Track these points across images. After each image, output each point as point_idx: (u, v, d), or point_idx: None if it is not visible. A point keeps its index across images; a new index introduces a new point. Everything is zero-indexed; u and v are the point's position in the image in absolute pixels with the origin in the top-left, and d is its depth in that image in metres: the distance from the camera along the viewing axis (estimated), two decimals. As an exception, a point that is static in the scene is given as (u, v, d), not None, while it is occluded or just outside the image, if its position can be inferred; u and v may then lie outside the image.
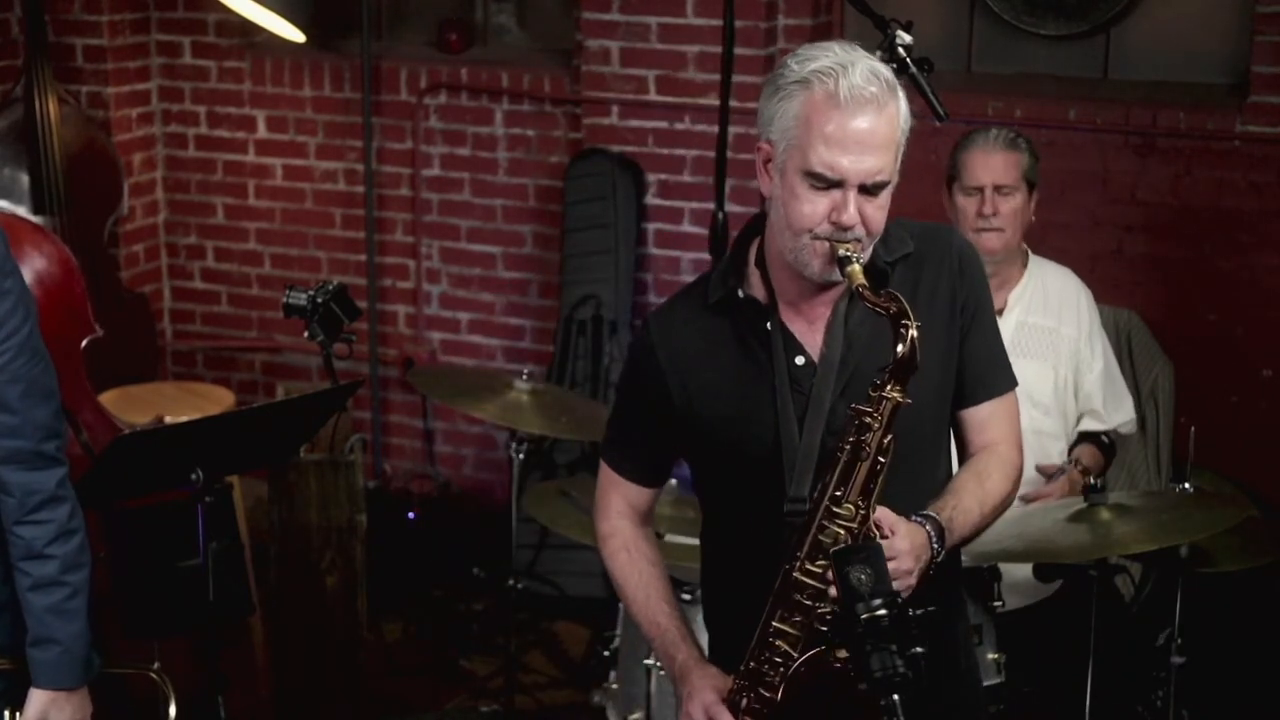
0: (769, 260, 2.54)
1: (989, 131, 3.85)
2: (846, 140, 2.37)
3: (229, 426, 3.49)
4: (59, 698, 2.73)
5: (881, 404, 2.35)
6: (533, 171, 5.58)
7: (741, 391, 2.53)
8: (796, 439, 2.49)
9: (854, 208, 2.39)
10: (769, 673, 2.45)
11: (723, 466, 2.59)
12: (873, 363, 2.45)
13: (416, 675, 4.95)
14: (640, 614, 2.67)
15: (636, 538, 2.73)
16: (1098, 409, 3.92)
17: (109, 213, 5.61)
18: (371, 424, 5.81)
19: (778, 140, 2.43)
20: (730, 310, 2.55)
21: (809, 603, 2.40)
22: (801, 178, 2.40)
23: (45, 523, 2.69)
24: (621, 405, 2.72)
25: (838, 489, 2.37)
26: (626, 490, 2.72)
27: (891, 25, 3.41)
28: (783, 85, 2.43)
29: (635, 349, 2.67)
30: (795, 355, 2.52)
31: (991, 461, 2.60)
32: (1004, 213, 3.78)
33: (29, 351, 2.66)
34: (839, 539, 2.37)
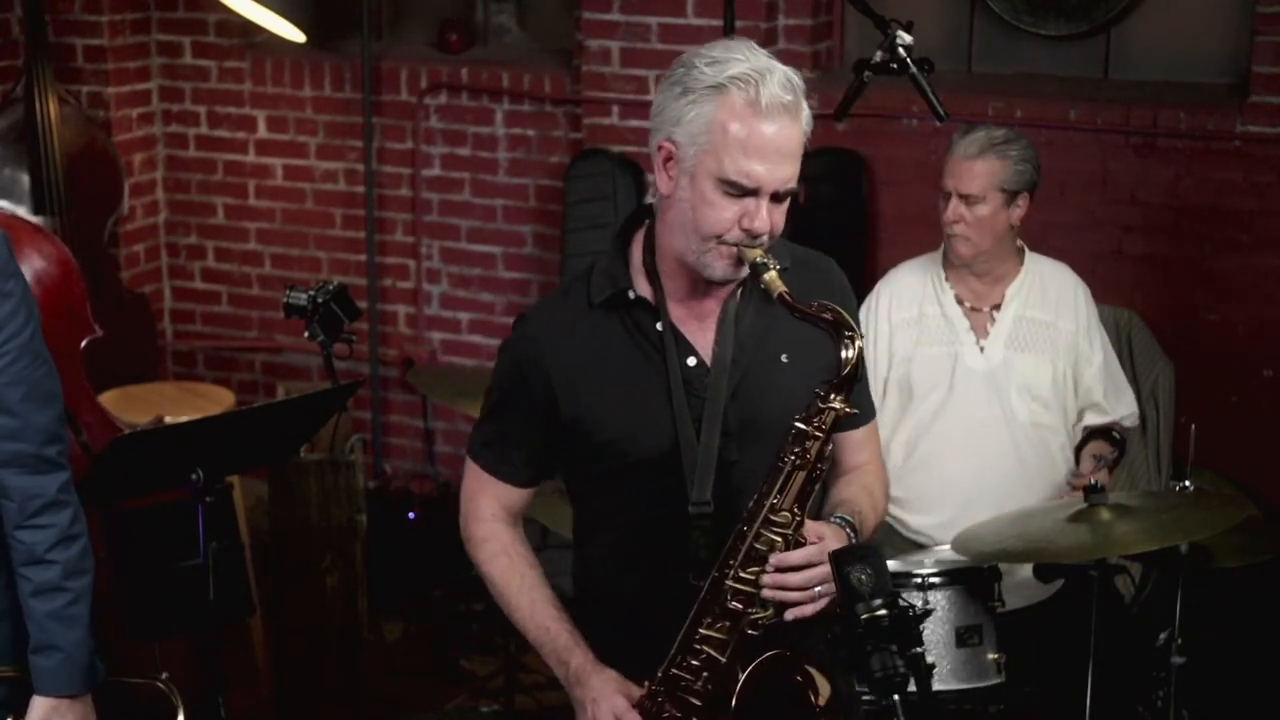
0: (659, 259, 2.50)
1: (970, 135, 3.79)
2: (765, 149, 2.34)
3: (229, 426, 3.49)
4: (61, 705, 2.72)
5: (825, 414, 2.36)
6: (533, 172, 5.58)
7: (634, 394, 2.50)
8: (695, 441, 2.47)
9: (765, 215, 2.37)
10: (689, 679, 2.43)
11: (613, 469, 2.54)
12: (761, 362, 2.49)
13: (416, 675, 4.95)
14: (526, 620, 2.61)
15: (514, 540, 2.67)
16: (1099, 402, 3.92)
17: (109, 213, 5.61)
18: (372, 424, 5.81)
19: (685, 143, 2.38)
20: (618, 311, 2.51)
21: (740, 608, 2.40)
22: (715, 184, 2.37)
23: (46, 528, 2.67)
24: (500, 407, 2.64)
25: (775, 497, 2.38)
26: (500, 492, 2.66)
27: (892, 25, 3.41)
28: (694, 87, 2.37)
29: (516, 347, 2.59)
30: (687, 356, 2.50)
31: (873, 479, 2.69)
32: (968, 221, 3.76)
33: (30, 354, 2.65)
34: (774, 546, 2.38)
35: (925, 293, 3.92)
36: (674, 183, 2.42)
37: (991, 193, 3.75)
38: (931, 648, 3.41)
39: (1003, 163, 3.75)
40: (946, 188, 3.78)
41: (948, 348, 3.88)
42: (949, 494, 3.84)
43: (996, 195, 3.75)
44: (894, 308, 3.94)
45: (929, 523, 3.86)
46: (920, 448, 3.90)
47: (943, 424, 3.87)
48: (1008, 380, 3.85)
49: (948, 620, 3.51)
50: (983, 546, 3.47)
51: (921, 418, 3.90)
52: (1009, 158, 3.76)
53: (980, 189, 3.74)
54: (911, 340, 3.90)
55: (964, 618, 3.52)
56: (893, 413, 3.94)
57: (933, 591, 3.48)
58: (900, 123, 5.08)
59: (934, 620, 3.45)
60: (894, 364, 3.93)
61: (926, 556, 3.77)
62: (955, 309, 3.89)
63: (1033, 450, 3.85)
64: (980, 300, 3.90)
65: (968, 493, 3.80)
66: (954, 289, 3.91)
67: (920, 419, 3.90)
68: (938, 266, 3.93)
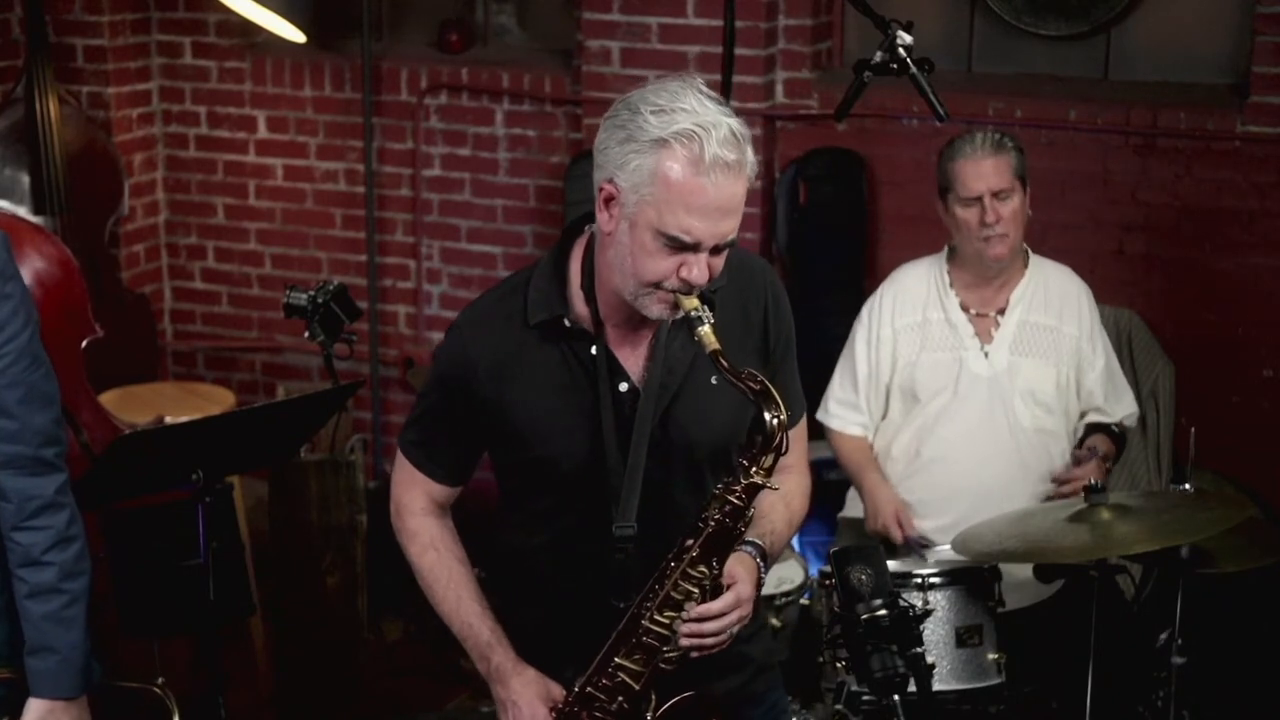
0: (599, 286, 2.50)
1: (973, 138, 3.82)
2: (707, 208, 2.33)
3: (229, 427, 3.49)
4: (57, 707, 2.73)
5: (747, 486, 2.40)
6: (533, 172, 5.58)
7: (565, 414, 2.52)
8: (621, 465, 2.50)
9: (704, 266, 2.38)
10: (604, 699, 2.51)
11: (541, 484, 2.58)
12: (690, 385, 2.52)
13: (417, 675, 4.95)
14: (451, 613, 2.67)
15: (443, 534, 2.73)
16: (1100, 405, 3.93)
17: (109, 213, 5.61)
18: (372, 424, 5.82)
19: (627, 189, 2.37)
20: (553, 335, 2.53)
21: (653, 644, 2.46)
22: (654, 235, 2.36)
23: (43, 529, 2.68)
24: (432, 409, 2.66)
25: (695, 551, 2.42)
26: (430, 488, 2.71)
27: (892, 25, 3.41)
28: (638, 137, 2.35)
29: (450, 356, 2.61)
30: (620, 381, 2.52)
31: (794, 485, 2.70)
32: (1005, 217, 3.78)
33: (29, 357, 2.66)
34: (690, 595, 2.44)
35: (929, 298, 3.92)
36: (614, 223, 2.41)
37: (1015, 183, 3.80)
38: (931, 648, 3.41)
39: (1012, 154, 3.82)
40: (974, 193, 3.77)
41: (952, 353, 3.88)
42: (952, 499, 3.84)
43: (1018, 186, 3.80)
44: (898, 312, 3.94)
45: (932, 527, 3.86)
46: (924, 453, 3.90)
47: (946, 429, 3.87)
48: (1011, 385, 3.85)
49: (948, 620, 3.51)
50: (983, 546, 3.47)
51: (925, 422, 3.90)
52: (1012, 149, 3.83)
53: (1007, 181, 3.79)
54: (915, 345, 3.90)
55: (964, 618, 3.53)
56: (896, 417, 3.95)
57: (933, 591, 3.49)
58: (900, 123, 5.08)
59: (934, 620, 3.46)
60: (897, 369, 3.93)
61: (927, 556, 3.78)
62: (960, 314, 3.89)
63: (1035, 455, 3.86)
64: (985, 305, 3.90)
65: (971, 497, 3.80)
66: (958, 294, 3.91)
67: (924, 424, 3.90)
68: (941, 271, 3.93)
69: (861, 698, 3.41)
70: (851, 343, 4.02)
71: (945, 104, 3.46)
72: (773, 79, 5.17)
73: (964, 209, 3.80)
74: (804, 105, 5.18)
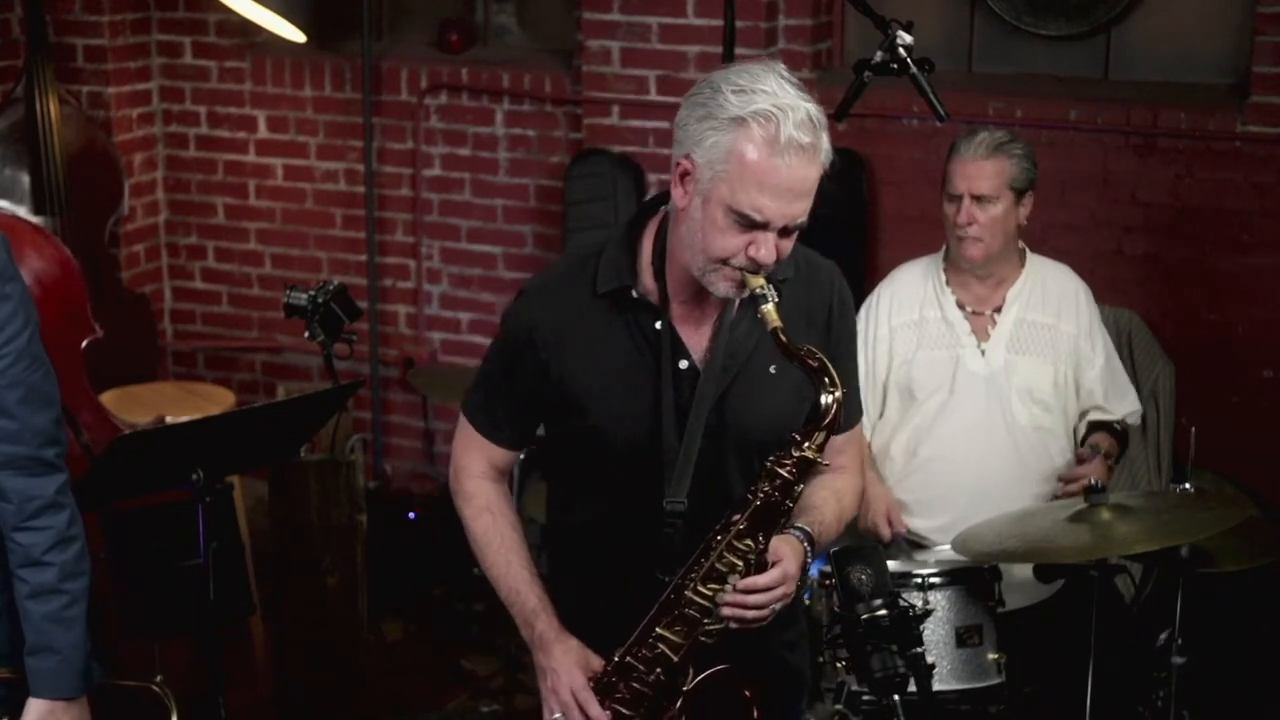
0: (669, 263, 2.55)
1: (976, 137, 3.80)
2: (779, 188, 2.38)
3: (229, 426, 3.49)
4: (57, 707, 2.73)
5: (798, 460, 2.43)
6: (533, 172, 5.58)
7: (624, 385, 2.55)
8: (676, 442, 2.53)
9: (772, 246, 2.42)
10: (642, 670, 2.53)
11: (595, 454, 2.61)
12: (751, 371, 2.55)
13: (417, 675, 4.95)
14: (500, 579, 2.71)
15: (498, 499, 2.76)
16: (1100, 403, 3.92)
17: (110, 213, 5.61)
18: (372, 424, 5.81)
19: (703, 165, 2.41)
20: (619, 304, 2.56)
21: (695, 616, 2.49)
22: (726, 211, 2.40)
23: (44, 529, 2.68)
24: (494, 372, 2.70)
25: (743, 524, 2.45)
26: (490, 451, 2.75)
27: (892, 25, 3.41)
28: (717, 115, 2.39)
29: (516, 320, 2.64)
30: (680, 359, 2.55)
31: (845, 483, 2.73)
32: (981, 222, 3.77)
33: (29, 357, 2.66)
34: (734, 568, 2.46)
35: (926, 296, 3.92)
36: (689, 199, 2.46)
37: (1004, 192, 3.76)
38: (931, 648, 3.41)
39: (1011, 161, 3.77)
40: (956, 191, 3.78)
41: (949, 351, 3.88)
42: (950, 498, 3.84)
43: (1008, 194, 3.77)
44: (894, 311, 3.93)
45: (930, 526, 3.86)
46: (921, 451, 3.89)
47: (943, 427, 3.87)
48: (1009, 383, 3.84)
49: (948, 620, 3.51)
50: (983, 546, 3.47)
51: (922, 421, 3.89)
52: (1015, 157, 3.78)
53: (993, 189, 3.75)
54: (912, 343, 3.90)
55: (964, 618, 3.53)
56: (893, 416, 3.94)
57: (933, 591, 3.49)
58: (900, 123, 5.08)
59: (934, 620, 3.46)
60: (894, 367, 3.93)
61: (927, 556, 3.77)
62: (956, 312, 3.89)
63: (1033, 453, 3.85)
64: (981, 303, 3.90)
65: (968, 496, 3.80)
66: (955, 292, 3.91)
67: (921, 422, 3.90)
68: (938, 269, 3.93)
69: (861, 698, 3.41)
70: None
71: (945, 104, 3.46)
72: (773, 79, 5.17)
73: (947, 203, 3.82)
74: (804, 105, 5.17)
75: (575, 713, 2.55)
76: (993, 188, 3.75)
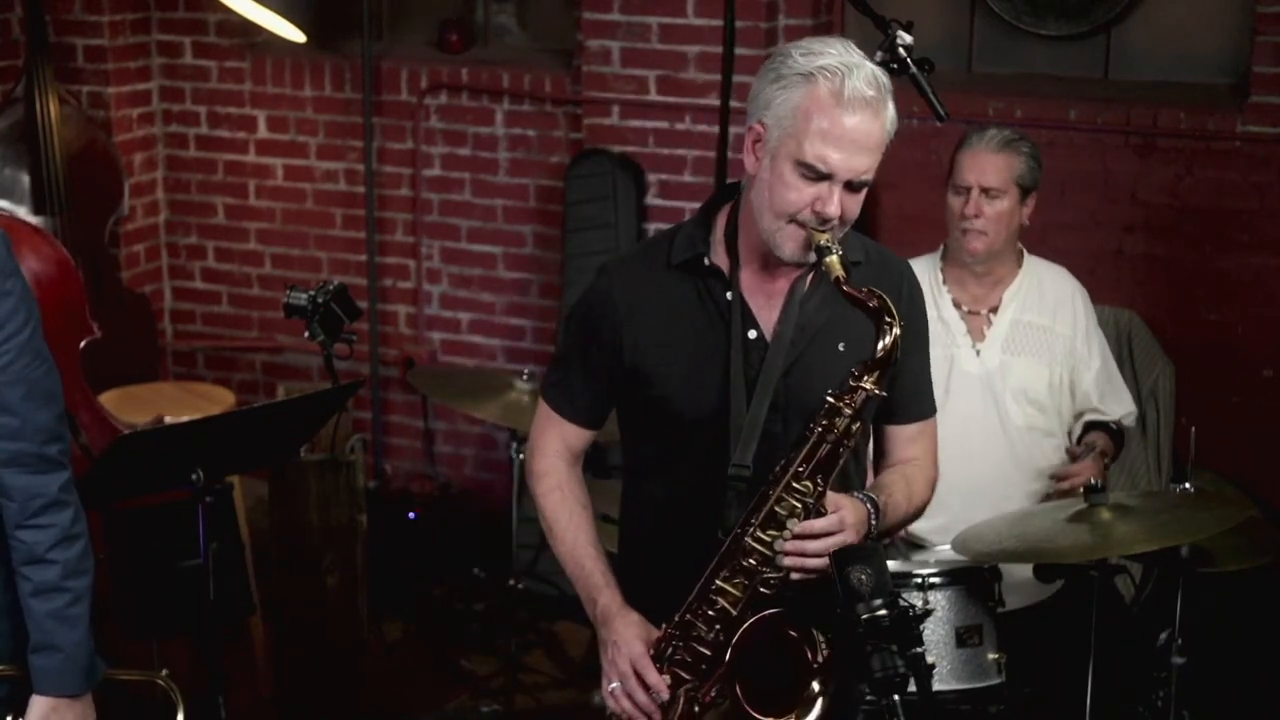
0: (740, 234, 2.63)
1: (986, 132, 3.84)
2: (843, 139, 2.47)
3: (229, 427, 3.49)
4: (60, 705, 2.73)
5: (856, 393, 2.49)
6: (533, 172, 5.58)
7: (694, 355, 2.62)
8: (744, 409, 2.58)
9: (838, 201, 2.50)
10: (702, 628, 2.56)
11: (665, 423, 2.66)
12: (818, 347, 2.61)
13: (417, 675, 4.95)
14: (567, 554, 2.75)
15: (570, 479, 2.80)
16: (1096, 406, 3.92)
17: (109, 213, 5.61)
18: (372, 424, 5.81)
19: (772, 125, 2.51)
20: (693, 274, 2.64)
21: (755, 566, 2.52)
22: (793, 166, 2.49)
23: (47, 527, 2.67)
24: (571, 348, 2.77)
25: (800, 466, 2.50)
26: (565, 430, 2.79)
27: (892, 25, 3.41)
28: (786, 74, 2.50)
29: (593, 295, 2.72)
30: (750, 328, 2.62)
31: (917, 471, 2.80)
32: (988, 215, 3.78)
33: (30, 353, 2.66)
34: (794, 511, 2.50)
35: (923, 295, 3.92)
36: (759, 163, 2.55)
37: (1010, 187, 3.78)
38: (931, 648, 3.41)
39: (1019, 159, 3.80)
40: (965, 182, 3.79)
41: (944, 351, 3.87)
42: (945, 497, 3.80)
43: (1014, 190, 3.79)
44: (892, 309, 3.93)
45: (925, 527, 3.85)
46: (918, 451, 3.89)
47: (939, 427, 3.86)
48: (1003, 384, 3.84)
49: (948, 620, 3.51)
50: (983, 546, 3.47)
51: (919, 421, 3.89)
52: (1023, 155, 3.81)
53: (1002, 182, 3.77)
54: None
55: (964, 618, 3.52)
56: (891, 415, 3.94)
57: (933, 591, 3.49)
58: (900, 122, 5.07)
59: (934, 620, 3.45)
60: (891, 366, 3.93)
61: (927, 556, 3.77)
62: (952, 312, 3.89)
63: (1028, 453, 3.85)
64: (977, 303, 3.90)
65: (963, 497, 3.79)
66: (951, 291, 3.91)
67: (917, 422, 3.89)
68: (935, 268, 3.93)
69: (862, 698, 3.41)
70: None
71: (945, 104, 3.46)
72: (773, 79, 5.17)
73: (954, 196, 3.83)
74: (804, 105, 5.17)
75: (633, 681, 2.58)
76: (1001, 181, 3.77)
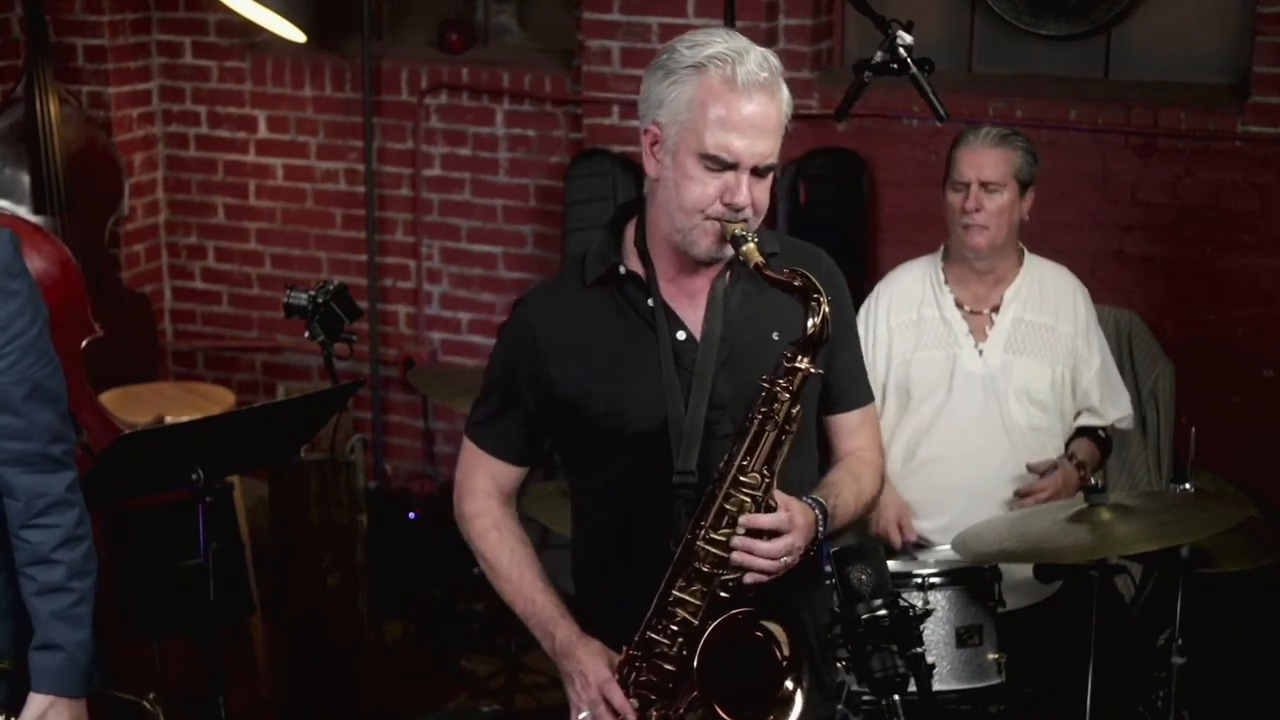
0: (650, 240, 2.58)
1: (981, 129, 3.85)
2: (742, 124, 2.43)
3: (230, 426, 3.49)
4: (59, 704, 2.71)
5: (793, 375, 2.42)
6: (534, 172, 5.58)
7: (625, 367, 2.57)
8: (683, 413, 2.53)
9: (746, 189, 2.45)
10: (665, 643, 2.49)
11: (605, 443, 2.60)
12: (751, 339, 2.55)
13: (417, 675, 4.95)
14: (514, 592, 2.69)
15: (505, 517, 2.74)
16: (1095, 406, 3.92)
17: (110, 213, 5.61)
18: (372, 424, 5.81)
19: (668, 123, 2.48)
20: (610, 287, 2.59)
21: (710, 570, 2.45)
22: (696, 160, 2.45)
23: (52, 527, 2.66)
24: (497, 384, 2.70)
25: (744, 458, 2.43)
26: (495, 469, 2.73)
27: (892, 25, 3.41)
28: (675, 69, 2.48)
29: (512, 330, 2.68)
30: (677, 330, 2.57)
31: (863, 465, 2.72)
32: (988, 209, 3.78)
33: (36, 353, 2.65)
34: (743, 506, 2.43)
35: (924, 295, 3.92)
36: (660, 164, 2.51)
37: (1009, 181, 3.79)
38: (931, 648, 3.41)
39: (1016, 154, 3.82)
40: (964, 178, 3.79)
41: (946, 351, 3.88)
42: (947, 498, 3.84)
43: (1013, 184, 3.80)
44: (893, 310, 3.94)
45: (928, 527, 3.86)
46: (919, 452, 3.89)
47: (941, 428, 3.87)
48: (1006, 383, 3.85)
49: (948, 620, 3.51)
50: (983, 547, 3.47)
51: (920, 422, 3.89)
52: (1019, 149, 3.82)
53: (1001, 176, 3.78)
54: (910, 343, 3.90)
55: (964, 618, 3.53)
56: (891, 416, 3.94)
57: (933, 591, 3.49)
58: (900, 123, 5.08)
59: (934, 620, 3.46)
60: (892, 367, 3.93)
61: (927, 556, 3.77)
62: (954, 312, 3.89)
63: (1031, 453, 3.85)
64: (979, 303, 3.90)
65: (967, 496, 3.80)
66: (953, 291, 3.91)
67: (919, 423, 3.90)
68: (936, 269, 3.93)
69: (861, 698, 3.41)
70: (850, 343, 4.02)
71: (945, 104, 3.46)
72: (773, 79, 5.17)
73: (953, 193, 3.83)
74: (804, 105, 5.17)
75: (602, 708, 2.52)
76: (1000, 175, 3.78)
